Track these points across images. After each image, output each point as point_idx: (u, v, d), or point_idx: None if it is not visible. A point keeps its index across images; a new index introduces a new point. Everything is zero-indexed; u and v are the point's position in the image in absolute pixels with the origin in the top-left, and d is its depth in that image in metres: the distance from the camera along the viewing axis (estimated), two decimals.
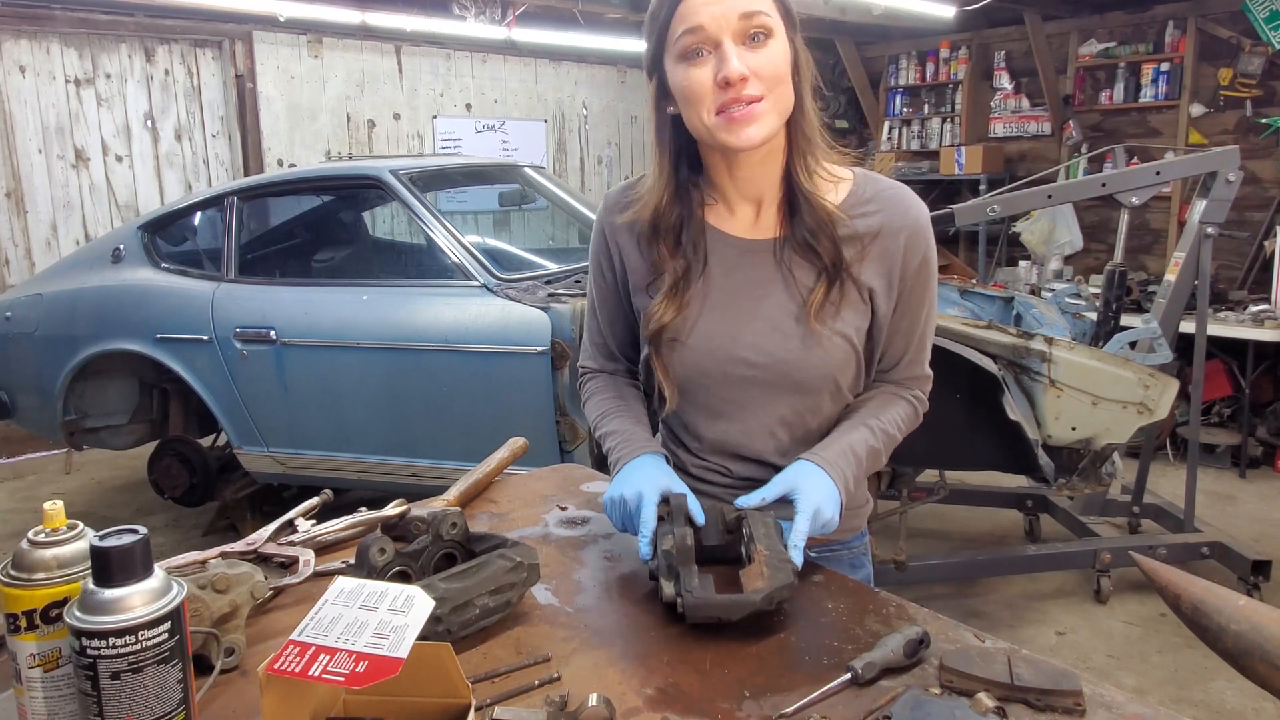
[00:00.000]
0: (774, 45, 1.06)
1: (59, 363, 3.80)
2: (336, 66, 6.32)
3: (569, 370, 3.02)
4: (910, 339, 1.23)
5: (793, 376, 1.17)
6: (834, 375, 1.18)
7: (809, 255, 1.16)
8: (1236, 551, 3.28)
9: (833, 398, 1.21)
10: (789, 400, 1.19)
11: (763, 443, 1.22)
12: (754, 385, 1.19)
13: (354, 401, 3.39)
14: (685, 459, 1.29)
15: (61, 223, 5.48)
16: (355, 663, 0.69)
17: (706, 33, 1.05)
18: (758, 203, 1.20)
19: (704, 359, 1.19)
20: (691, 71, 1.07)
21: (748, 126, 1.07)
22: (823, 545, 1.29)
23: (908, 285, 1.18)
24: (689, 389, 1.23)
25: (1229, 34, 5.76)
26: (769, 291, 1.18)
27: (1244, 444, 4.69)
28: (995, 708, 0.82)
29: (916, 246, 1.17)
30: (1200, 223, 3.38)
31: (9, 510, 4.53)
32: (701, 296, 1.20)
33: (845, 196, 1.17)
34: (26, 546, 0.78)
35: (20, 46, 5.22)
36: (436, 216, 3.39)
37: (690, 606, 0.97)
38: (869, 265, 1.16)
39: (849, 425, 1.20)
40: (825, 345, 1.16)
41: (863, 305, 1.17)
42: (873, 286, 1.17)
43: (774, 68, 1.06)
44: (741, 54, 1.05)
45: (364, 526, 1.28)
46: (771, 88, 1.07)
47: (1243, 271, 5.60)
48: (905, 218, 1.17)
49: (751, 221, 1.20)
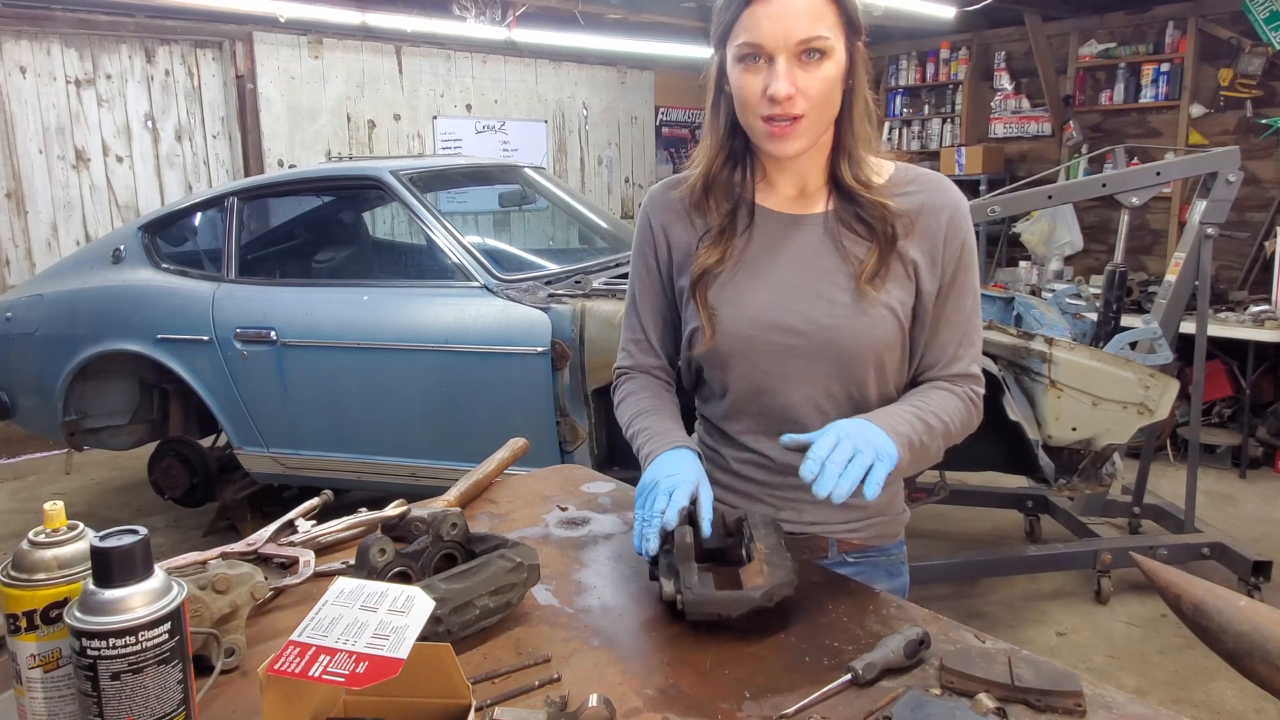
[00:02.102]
0: (827, 65, 1.09)
1: (59, 363, 3.80)
2: (337, 67, 6.32)
3: (569, 370, 3.02)
4: (955, 330, 1.22)
5: (837, 345, 1.17)
6: (878, 348, 1.17)
7: (859, 227, 1.18)
8: (1237, 552, 3.28)
9: (877, 375, 1.19)
10: (833, 371, 1.18)
11: (808, 417, 1.20)
12: (797, 355, 1.18)
13: (354, 402, 3.39)
14: (725, 452, 1.29)
15: (62, 223, 5.48)
16: (355, 663, 0.69)
17: (764, 48, 1.07)
18: (802, 185, 1.22)
19: (747, 327, 1.19)
20: (745, 76, 1.10)
21: (785, 141, 1.11)
22: (860, 551, 1.28)
23: (950, 269, 1.19)
24: (730, 361, 1.21)
25: (1229, 34, 5.76)
26: (816, 261, 1.19)
27: (1244, 444, 4.69)
28: (995, 708, 0.82)
29: (957, 228, 1.19)
30: (1200, 223, 3.38)
31: (9, 511, 4.53)
32: (747, 265, 1.21)
33: (887, 180, 1.20)
34: (27, 547, 0.78)
35: (21, 47, 5.22)
36: (437, 217, 3.39)
37: (690, 603, 0.97)
38: (913, 241, 1.18)
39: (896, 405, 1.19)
40: (871, 314, 1.16)
41: (908, 280, 1.18)
42: (917, 261, 1.18)
43: (822, 88, 1.09)
44: (792, 72, 1.07)
45: (364, 527, 1.28)
46: (816, 106, 1.09)
47: (1243, 272, 5.60)
48: (946, 198, 1.20)
49: (796, 198, 1.23)
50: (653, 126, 8.32)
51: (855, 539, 1.28)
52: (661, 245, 1.29)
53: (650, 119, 8.29)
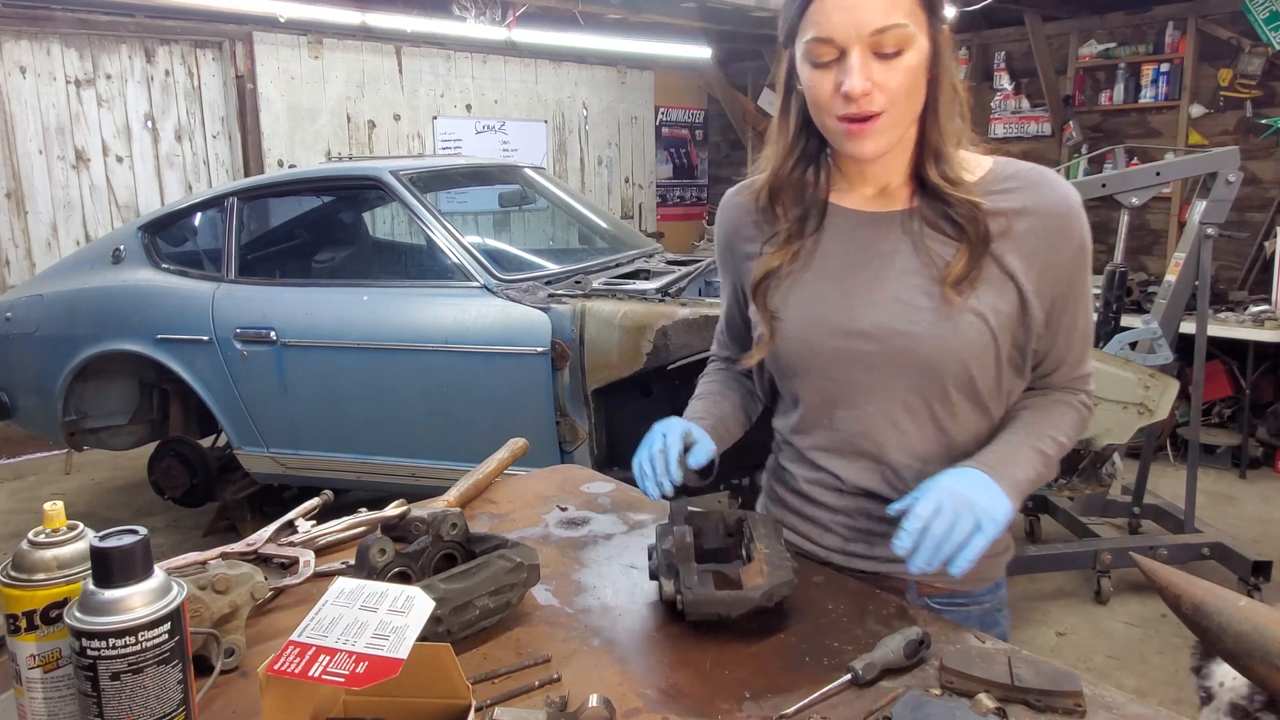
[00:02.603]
0: (907, 56, 0.98)
1: (59, 363, 3.80)
2: (337, 67, 6.32)
3: (569, 370, 3.02)
4: (1073, 336, 1.12)
5: (916, 354, 1.05)
6: (965, 360, 1.06)
7: (946, 226, 1.06)
8: (1237, 552, 3.28)
9: (965, 391, 1.08)
10: (912, 384, 1.07)
11: (883, 433, 1.10)
12: (871, 365, 1.08)
13: (354, 402, 3.39)
14: (795, 470, 1.21)
15: (62, 223, 5.48)
16: (355, 663, 0.69)
17: (835, 41, 0.98)
18: (884, 184, 1.12)
19: (814, 333, 1.10)
20: (816, 73, 1.01)
21: (863, 141, 1.01)
22: (946, 596, 1.14)
23: (1064, 275, 1.07)
24: (797, 369, 1.13)
25: (1229, 34, 5.76)
26: (893, 262, 1.08)
27: (1244, 444, 4.69)
28: (995, 709, 0.82)
29: (1069, 230, 1.06)
30: (1200, 223, 3.38)
31: (9, 511, 4.53)
32: (815, 267, 1.11)
33: (983, 175, 1.09)
34: (27, 547, 0.78)
35: (20, 47, 5.22)
36: (437, 217, 3.39)
37: (689, 603, 0.97)
38: (1011, 244, 1.05)
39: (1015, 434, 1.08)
40: (956, 321, 1.04)
41: (1005, 286, 1.06)
42: (1014, 268, 1.05)
43: (903, 81, 0.99)
44: (868, 65, 0.97)
45: (364, 527, 1.28)
46: (896, 101, 0.99)
47: (1243, 272, 5.59)
48: (1053, 196, 1.06)
49: (876, 197, 1.12)
50: (653, 127, 8.32)
51: (939, 583, 1.14)
52: (726, 251, 1.23)
53: (650, 119, 8.29)
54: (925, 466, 1.09)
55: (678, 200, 8.72)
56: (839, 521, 1.16)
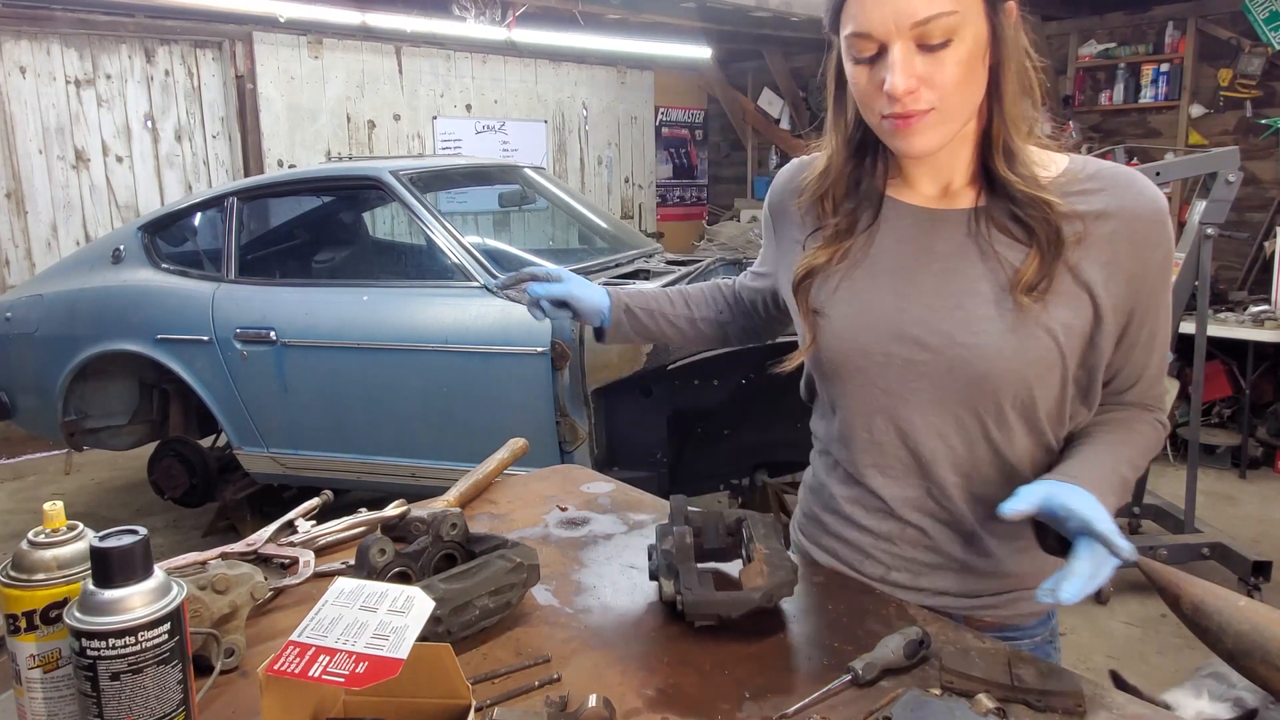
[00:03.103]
0: (957, 47, 0.89)
1: (59, 363, 3.80)
2: (337, 67, 6.32)
3: (569, 370, 3.02)
4: (1151, 352, 1.02)
5: (974, 367, 0.96)
6: (1027, 377, 0.96)
7: (1016, 228, 0.97)
8: (1237, 552, 3.28)
9: (1022, 412, 0.99)
10: (966, 398, 0.98)
11: (930, 447, 1.01)
12: (922, 373, 0.99)
13: (354, 402, 3.39)
14: (834, 489, 1.12)
15: (62, 223, 5.48)
16: (355, 663, 0.69)
17: (874, 36, 0.90)
18: (946, 185, 1.03)
19: (862, 333, 1.01)
20: (858, 70, 0.94)
21: (911, 138, 0.93)
22: (996, 631, 1.05)
23: (1147, 286, 0.98)
24: (841, 372, 1.04)
25: (1229, 34, 5.76)
26: (957, 265, 0.99)
27: (1244, 444, 4.69)
28: (995, 709, 0.82)
29: (1156, 237, 0.97)
30: (1200, 223, 3.39)
31: (9, 511, 4.53)
32: (867, 265, 1.03)
33: (1059, 174, 0.99)
34: (26, 547, 0.78)
35: (20, 47, 5.22)
36: (436, 217, 3.39)
37: (689, 604, 0.97)
38: (1089, 252, 0.95)
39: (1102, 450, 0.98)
40: (1022, 334, 0.95)
41: (1080, 300, 0.96)
42: (1091, 279, 0.95)
43: (953, 75, 0.90)
44: (911, 59, 0.89)
45: (364, 527, 1.27)
46: (948, 95, 0.91)
47: (1243, 272, 5.60)
48: (1139, 200, 0.96)
49: (938, 195, 1.03)
50: (652, 126, 8.33)
51: (988, 617, 1.06)
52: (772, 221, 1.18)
53: (650, 119, 8.29)
54: (974, 487, 1.02)
55: (678, 200, 8.72)
56: (881, 548, 1.08)
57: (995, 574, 1.05)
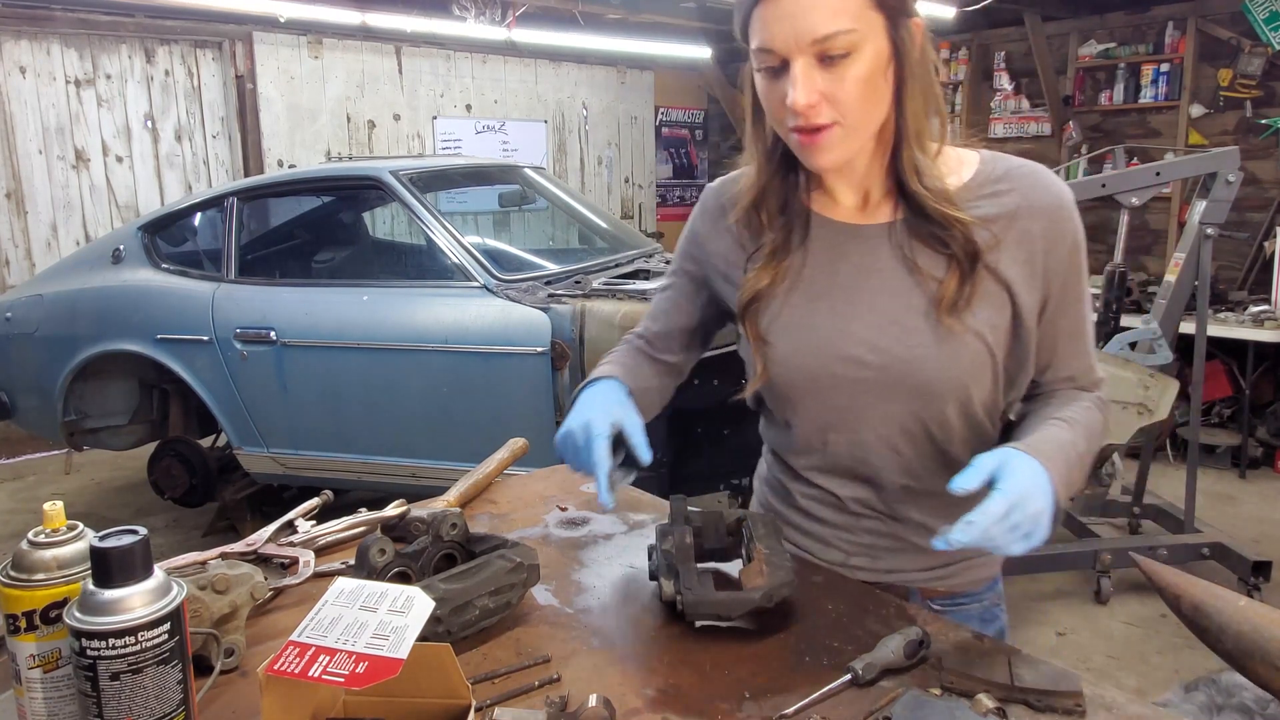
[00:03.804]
0: (856, 63, 0.92)
1: (59, 363, 3.80)
2: (336, 67, 6.32)
3: (569, 370, 3.02)
4: (1078, 339, 1.07)
5: (914, 378, 1.01)
6: (964, 380, 1.02)
7: (934, 243, 1.01)
8: (1237, 552, 3.28)
9: (961, 411, 1.04)
10: (909, 407, 1.04)
11: (880, 458, 1.07)
12: (867, 389, 1.04)
13: (354, 402, 3.39)
14: (792, 487, 1.18)
15: (62, 223, 5.48)
16: (355, 663, 0.69)
17: (776, 53, 0.93)
18: (865, 193, 1.06)
19: (808, 358, 1.05)
20: (765, 84, 0.97)
21: (816, 153, 0.96)
22: (948, 599, 1.14)
23: (1061, 276, 1.02)
24: (792, 395, 1.08)
25: (1229, 35, 5.76)
26: (885, 281, 1.03)
27: (1244, 444, 4.69)
28: (995, 708, 0.82)
29: (1063, 229, 1.01)
30: (1200, 223, 3.38)
31: (9, 511, 4.53)
32: (804, 287, 1.06)
33: (970, 177, 1.03)
34: (26, 547, 0.78)
35: (20, 47, 5.22)
36: (436, 217, 3.39)
37: (689, 604, 0.97)
38: (1006, 252, 1.00)
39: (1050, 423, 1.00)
40: (954, 343, 1.00)
41: (1000, 298, 1.01)
42: (1010, 277, 1.01)
43: (852, 90, 0.92)
44: (812, 75, 0.92)
45: (364, 527, 1.27)
46: (850, 111, 0.94)
47: (1243, 272, 5.60)
48: (1046, 195, 1.02)
49: (859, 208, 1.07)
50: (653, 127, 8.32)
51: (941, 586, 1.14)
52: (696, 246, 1.19)
53: (650, 119, 8.29)
54: (920, 484, 1.09)
55: (678, 200, 8.72)
56: (840, 537, 1.14)
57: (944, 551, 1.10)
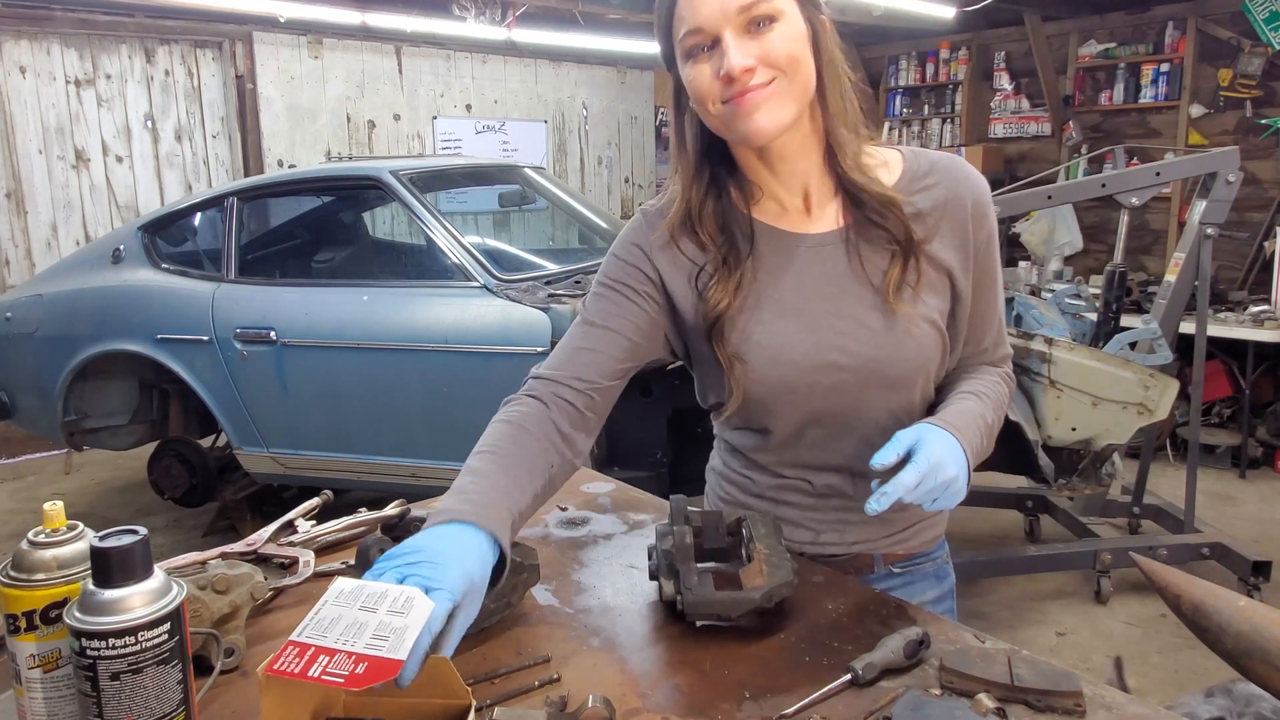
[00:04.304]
0: (780, 28, 0.97)
1: (59, 363, 3.80)
2: (336, 67, 6.32)
3: None
4: (991, 317, 1.14)
5: (885, 374, 1.07)
6: (926, 367, 1.09)
7: (878, 238, 1.07)
8: (1237, 552, 3.28)
9: (921, 394, 1.12)
10: (881, 401, 1.09)
11: (853, 449, 1.11)
12: (844, 391, 1.08)
13: (354, 402, 3.39)
14: (757, 478, 1.19)
15: (61, 223, 5.48)
16: (355, 664, 0.69)
17: (706, 32, 0.97)
18: (805, 194, 1.09)
19: (786, 370, 1.07)
20: (695, 68, 1.00)
21: (755, 114, 0.98)
22: (907, 560, 1.21)
23: (983, 258, 1.10)
24: (772, 407, 1.10)
25: (1229, 34, 5.76)
26: (845, 286, 1.08)
27: (1244, 444, 4.69)
28: (995, 709, 0.82)
29: (983, 216, 1.09)
30: (1200, 223, 3.38)
31: (9, 511, 4.53)
32: (771, 303, 1.08)
33: (900, 175, 1.09)
34: (26, 547, 0.78)
35: (20, 47, 5.22)
36: (436, 217, 3.39)
37: (689, 604, 0.97)
38: (942, 241, 1.08)
39: (962, 396, 1.09)
40: (915, 334, 1.06)
41: (943, 284, 1.09)
42: (949, 263, 1.08)
43: (782, 49, 0.97)
44: (744, 44, 0.96)
45: (364, 527, 1.28)
46: (785, 68, 0.97)
47: (1243, 272, 5.60)
48: (968, 185, 1.09)
49: (806, 214, 1.10)
50: (652, 127, 8.32)
51: (900, 550, 1.20)
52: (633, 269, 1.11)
53: (650, 119, 8.29)
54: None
55: None
56: (809, 518, 1.17)
57: (902, 515, 1.17)
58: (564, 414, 1.06)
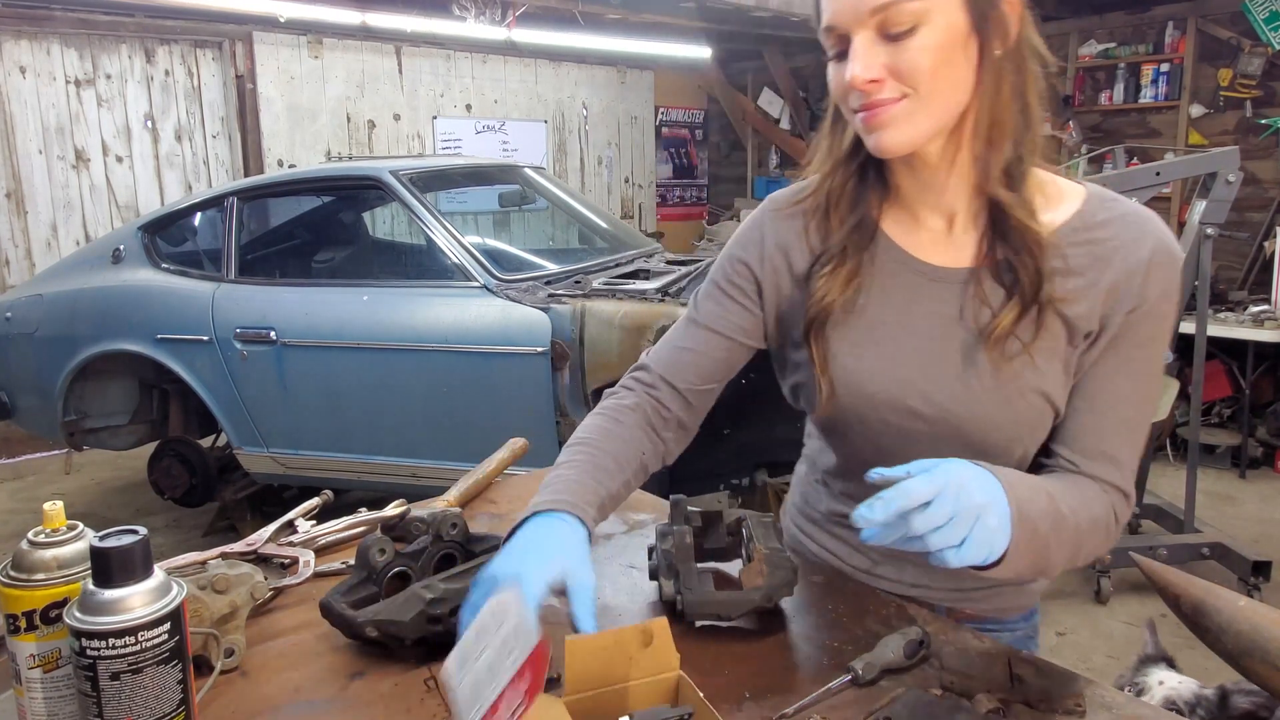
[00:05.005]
0: (923, 35, 0.83)
1: (59, 363, 3.80)
2: (337, 67, 6.32)
3: (569, 370, 3.02)
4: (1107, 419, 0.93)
5: (968, 437, 0.95)
6: (1023, 440, 0.95)
7: (1006, 277, 0.92)
8: (1236, 552, 3.28)
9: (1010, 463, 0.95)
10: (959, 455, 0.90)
11: None
12: (917, 440, 0.97)
13: (354, 402, 3.39)
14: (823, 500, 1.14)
15: (61, 223, 5.48)
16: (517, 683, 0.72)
17: (839, 31, 0.87)
18: (949, 217, 0.97)
19: (862, 403, 0.98)
20: (833, 69, 0.90)
21: (881, 133, 0.87)
22: (976, 623, 1.06)
23: (1122, 340, 0.92)
24: (837, 430, 1.04)
25: (1229, 34, 5.76)
26: (955, 330, 0.95)
27: (1244, 444, 4.69)
28: (995, 708, 0.82)
29: (1150, 288, 0.90)
30: (1200, 223, 3.39)
31: (9, 510, 4.53)
32: (866, 324, 0.98)
33: (1069, 217, 0.93)
34: (26, 547, 0.78)
35: (20, 47, 5.22)
36: (436, 217, 3.39)
37: (689, 604, 0.97)
38: (1090, 306, 0.91)
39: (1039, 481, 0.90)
40: (1018, 405, 0.92)
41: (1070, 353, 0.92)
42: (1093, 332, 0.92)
43: (919, 62, 0.84)
44: (874, 50, 0.85)
45: (364, 527, 1.28)
46: (917, 85, 0.85)
47: (1243, 272, 5.60)
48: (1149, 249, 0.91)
49: (942, 240, 0.97)
50: (653, 126, 8.33)
51: (969, 609, 1.08)
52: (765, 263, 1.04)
53: (650, 119, 8.29)
54: None
55: (677, 200, 8.72)
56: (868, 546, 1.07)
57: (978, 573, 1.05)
58: (656, 412, 1.07)
